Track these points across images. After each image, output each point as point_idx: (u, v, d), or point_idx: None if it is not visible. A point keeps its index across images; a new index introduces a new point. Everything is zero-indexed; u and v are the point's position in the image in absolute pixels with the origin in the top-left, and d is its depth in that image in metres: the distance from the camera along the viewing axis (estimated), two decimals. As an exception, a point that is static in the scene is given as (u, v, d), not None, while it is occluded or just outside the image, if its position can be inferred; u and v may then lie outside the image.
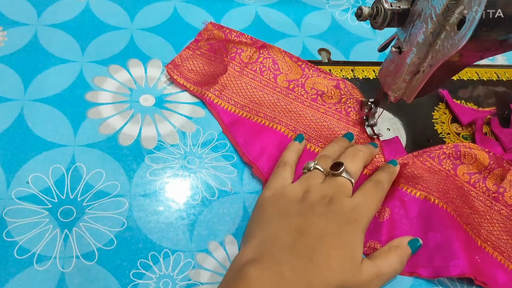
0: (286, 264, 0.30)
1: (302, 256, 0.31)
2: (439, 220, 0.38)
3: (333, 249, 0.32)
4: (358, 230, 0.34)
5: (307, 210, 0.34)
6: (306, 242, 0.32)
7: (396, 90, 0.38)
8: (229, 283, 0.30)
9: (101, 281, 0.33)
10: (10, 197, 0.36)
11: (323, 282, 0.30)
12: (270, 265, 0.30)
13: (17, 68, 0.45)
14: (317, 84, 0.47)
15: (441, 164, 0.42)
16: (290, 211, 0.34)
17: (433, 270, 0.36)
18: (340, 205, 0.34)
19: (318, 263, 0.31)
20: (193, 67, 0.48)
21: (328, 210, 0.34)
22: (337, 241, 0.32)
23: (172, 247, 0.36)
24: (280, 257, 0.31)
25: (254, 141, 0.42)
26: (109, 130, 0.42)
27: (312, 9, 0.59)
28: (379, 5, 0.34)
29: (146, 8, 0.54)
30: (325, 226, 0.33)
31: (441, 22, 0.32)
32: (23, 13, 0.50)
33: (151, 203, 0.38)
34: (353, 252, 0.32)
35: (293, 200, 0.35)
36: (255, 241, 0.33)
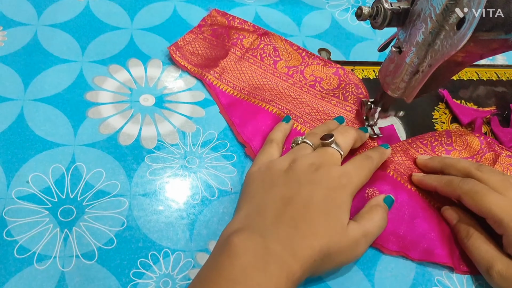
0: (270, 234, 0.31)
1: (286, 225, 0.31)
2: (424, 211, 0.39)
3: (318, 215, 0.32)
4: (345, 196, 0.34)
5: (292, 180, 0.34)
6: (291, 211, 0.32)
7: (395, 90, 0.38)
8: (215, 253, 0.31)
9: (101, 281, 0.33)
10: (10, 197, 0.36)
11: (308, 248, 0.31)
12: (255, 236, 0.30)
13: (17, 68, 0.45)
14: (316, 72, 0.49)
15: (434, 150, 0.43)
16: (275, 182, 0.35)
17: (420, 254, 0.37)
18: (327, 172, 0.35)
19: (302, 230, 0.31)
20: (195, 50, 0.50)
21: (314, 177, 0.34)
22: (323, 207, 0.32)
23: (172, 247, 0.36)
24: (265, 228, 0.31)
25: (249, 122, 0.44)
26: (109, 130, 0.42)
27: (312, 9, 0.59)
28: (379, 5, 0.34)
29: (146, 8, 0.54)
30: (310, 193, 0.33)
31: (441, 22, 0.32)
32: (23, 13, 0.50)
33: (151, 202, 0.38)
34: (339, 216, 0.33)
35: (279, 171, 0.35)
36: (241, 213, 0.34)
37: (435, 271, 0.37)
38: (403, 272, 0.37)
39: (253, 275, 0.28)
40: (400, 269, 0.37)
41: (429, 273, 0.37)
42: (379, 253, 0.38)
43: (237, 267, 0.29)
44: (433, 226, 0.38)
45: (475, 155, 0.42)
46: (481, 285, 0.37)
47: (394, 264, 0.37)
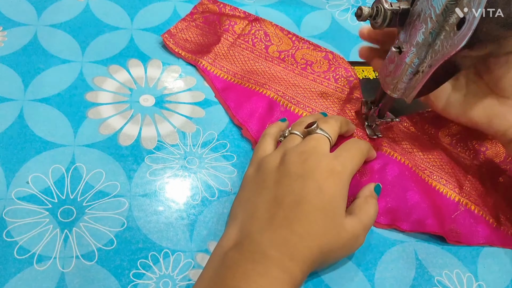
0: (267, 242, 0.30)
1: (281, 228, 0.31)
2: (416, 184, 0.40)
3: (313, 213, 0.31)
4: (340, 184, 0.33)
5: (283, 176, 0.33)
6: (283, 212, 0.31)
7: (395, 90, 0.38)
8: (217, 270, 0.30)
9: (101, 281, 0.33)
10: (10, 197, 0.36)
11: (306, 250, 0.30)
12: (252, 247, 0.30)
13: (17, 68, 0.45)
14: (306, 55, 0.50)
15: (424, 128, 0.45)
16: (267, 183, 0.34)
17: (411, 225, 0.39)
18: (318, 162, 0.33)
19: (297, 231, 0.30)
20: (188, 37, 0.51)
21: (304, 169, 0.33)
22: (317, 202, 0.32)
23: (172, 247, 0.36)
24: (260, 235, 0.31)
25: (244, 104, 0.45)
26: (109, 130, 0.42)
27: (312, 9, 0.59)
28: (379, 5, 0.34)
29: (146, 8, 0.54)
30: (302, 187, 0.32)
31: (441, 23, 0.32)
32: (23, 13, 0.50)
33: (151, 203, 0.38)
34: (335, 210, 0.32)
35: (271, 169, 0.35)
36: (236, 223, 0.33)
37: (435, 271, 0.37)
38: (403, 272, 0.37)
39: (256, 279, 0.28)
40: (400, 269, 0.37)
41: (429, 273, 0.37)
42: (379, 254, 0.38)
43: (239, 275, 0.28)
44: (425, 197, 0.39)
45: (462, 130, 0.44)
46: (481, 285, 0.37)
47: (394, 265, 0.37)
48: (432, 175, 0.41)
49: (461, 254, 0.39)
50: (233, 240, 0.32)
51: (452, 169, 0.42)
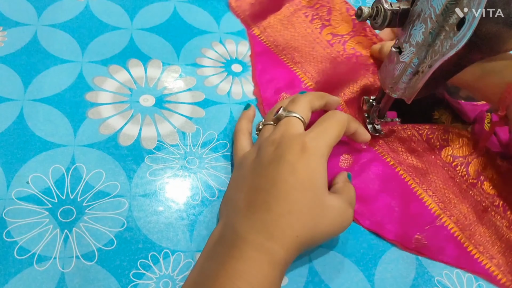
0: (245, 228, 0.30)
1: (259, 212, 0.31)
2: (397, 189, 0.40)
3: (290, 191, 0.31)
4: (315, 160, 0.32)
5: (257, 165, 0.33)
6: (260, 196, 0.31)
7: (395, 90, 0.38)
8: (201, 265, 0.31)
9: (101, 281, 0.33)
10: (10, 197, 0.36)
11: (286, 228, 0.30)
12: (232, 236, 0.30)
13: (17, 68, 0.45)
14: (358, 45, 0.48)
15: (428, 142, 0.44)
16: (244, 175, 0.34)
17: (371, 224, 0.38)
18: (289, 142, 0.33)
19: (275, 211, 0.30)
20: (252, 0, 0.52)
21: (276, 155, 0.32)
22: (293, 181, 0.31)
23: (172, 247, 0.36)
24: (240, 224, 0.31)
25: (268, 70, 0.46)
26: (109, 130, 0.42)
27: (312, 9, 0.59)
28: (379, 5, 0.34)
29: (146, 8, 0.54)
30: (276, 170, 0.32)
31: (441, 23, 0.32)
32: (23, 13, 0.50)
33: (151, 203, 0.38)
34: (314, 186, 0.31)
35: (249, 163, 0.35)
36: (221, 220, 0.34)
37: (435, 271, 0.37)
38: (403, 272, 0.37)
39: (232, 263, 0.28)
40: (400, 270, 0.37)
41: (429, 274, 0.37)
42: (379, 254, 0.38)
43: (218, 263, 0.29)
44: (401, 204, 0.39)
45: (468, 155, 0.42)
46: (481, 285, 0.37)
47: (394, 265, 0.37)
48: (421, 184, 0.41)
49: (461, 254, 0.39)
50: (217, 235, 0.32)
51: (443, 187, 0.41)
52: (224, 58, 0.51)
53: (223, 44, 0.52)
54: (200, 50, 0.51)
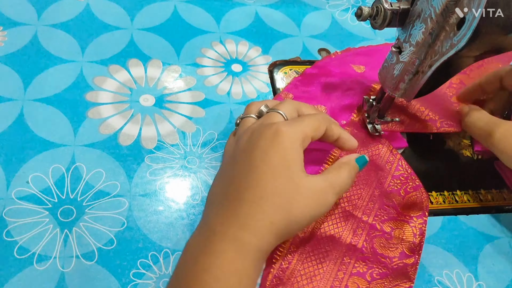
0: (218, 220, 0.30)
1: (232, 202, 0.30)
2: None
3: (261, 177, 0.30)
4: (287, 144, 0.31)
5: (235, 155, 0.33)
6: (234, 187, 0.30)
7: (395, 90, 0.38)
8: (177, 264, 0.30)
9: (101, 281, 0.33)
10: (10, 197, 0.36)
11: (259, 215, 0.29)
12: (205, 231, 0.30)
13: (17, 68, 0.45)
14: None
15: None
16: (224, 168, 0.34)
17: None
18: (261, 130, 0.32)
19: (247, 200, 0.29)
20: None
21: (250, 140, 0.32)
22: (264, 167, 0.30)
23: (172, 247, 0.36)
24: (212, 218, 0.30)
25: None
26: (109, 130, 0.42)
27: (312, 9, 0.59)
28: (379, 5, 0.34)
29: (146, 8, 0.54)
30: (248, 161, 0.31)
31: (441, 23, 0.32)
32: (23, 13, 0.50)
33: (151, 203, 0.38)
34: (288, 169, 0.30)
35: (227, 155, 0.34)
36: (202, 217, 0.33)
37: (435, 271, 0.37)
38: (403, 272, 0.37)
39: (202, 259, 0.28)
40: (400, 270, 0.37)
41: (429, 274, 0.37)
42: (379, 254, 0.38)
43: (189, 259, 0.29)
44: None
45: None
46: (481, 285, 0.37)
47: (394, 265, 0.37)
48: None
49: (461, 254, 0.39)
50: (194, 233, 0.31)
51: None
52: (224, 58, 0.51)
53: (223, 44, 0.52)
54: (200, 50, 0.51)
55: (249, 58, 0.51)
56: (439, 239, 0.40)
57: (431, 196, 0.42)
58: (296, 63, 0.52)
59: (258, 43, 0.53)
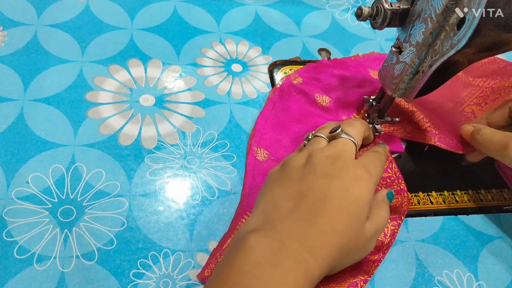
0: (286, 230, 0.30)
1: (303, 220, 0.30)
2: None
3: (337, 210, 0.31)
4: (367, 189, 0.32)
5: (309, 173, 0.33)
6: (307, 205, 0.31)
7: (395, 90, 0.38)
8: (231, 252, 0.29)
9: (101, 281, 0.33)
10: (10, 197, 0.36)
11: (327, 245, 0.29)
12: (271, 233, 0.29)
13: (17, 68, 0.45)
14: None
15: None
16: (291, 177, 0.33)
17: None
18: (345, 164, 0.33)
19: (319, 225, 0.30)
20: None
21: (332, 170, 0.32)
22: (342, 201, 0.31)
23: (172, 247, 0.36)
24: (280, 223, 0.30)
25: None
26: (109, 130, 0.42)
27: (312, 9, 0.59)
28: (379, 5, 0.34)
29: (146, 8, 0.54)
30: (328, 185, 0.31)
31: (441, 23, 0.32)
32: (23, 13, 0.50)
33: (151, 203, 0.38)
34: (358, 212, 0.31)
35: (296, 166, 0.34)
36: (258, 211, 0.32)
37: (435, 271, 0.37)
38: (403, 272, 0.37)
39: (268, 269, 0.27)
40: (400, 269, 0.37)
41: (429, 274, 0.37)
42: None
43: (251, 261, 0.28)
44: None
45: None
46: (481, 285, 0.37)
47: (394, 265, 0.37)
48: None
49: (461, 254, 0.39)
50: (253, 225, 0.31)
51: None
52: (224, 58, 0.51)
53: (223, 44, 0.52)
54: (200, 50, 0.51)
55: (249, 58, 0.51)
56: (439, 239, 0.40)
57: (431, 196, 0.42)
58: (296, 63, 0.52)
59: (258, 43, 0.53)
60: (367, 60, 0.53)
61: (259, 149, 0.42)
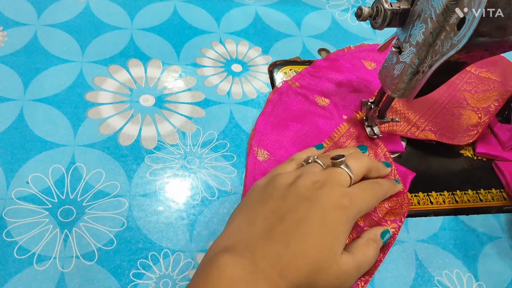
0: (259, 251, 0.30)
1: (277, 242, 0.30)
2: None
3: (311, 236, 0.30)
4: (345, 219, 0.32)
5: (291, 194, 0.32)
6: (283, 227, 0.31)
7: (395, 90, 0.38)
8: (204, 269, 0.29)
9: (101, 281, 0.33)
10: (10, 197, 0.36)
11: (295, 270, 0.29)
12: (244, 252, 0.29)
13: (17, 68, 0.45)
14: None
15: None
16: (273, 195, 0.33)
17: None
18: (329, 191, 0.32)
19: (292, 249, 0.30)
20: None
21: (315, 194, 0.32)
22: (317, 228, 0.31)
23: (172, 247, 0.36)
24: (255, 243, 0.30)
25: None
26: (109, 130, 0.42)
27: (312, 9, 0.59)
28: (379, 5, 0.34)
29: (146, 8, 0.54)
30: (307, 210, 0.31)
31: (441, 23, 0.32)
32: (23, 13, 0.50)
33: (151, 203, 0.38)
34: (334, 241, 0.31)
35: (282, 185, 0.34)
36: (232, 226, 0.32)
37: (435, 271, 0.37)
38: (403, 272, 0.37)
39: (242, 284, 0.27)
40: (400, 270, 0.37)
41: (429, 274, 0.37)
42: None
43: (226, 279, 0.28)
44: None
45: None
46: (481, 285, 0.37)
47: (394, 265, 0.37)
48: None
49: (461, 254, 0.39)
50: (226, 243, 0.31)
51: None
52: (224, 58, 0.51)
53: (223, 44, 0.52)
54: (200, 50, 0.51)
55: (249, 58, 0.51)
56: (439, 239, 0.39)
57: (431, 196, 0.42)
58: (296, 63, 0.52)
59: (258, 43, 0.53)
60: (360, 51, 0.54)
61: (260, 149, 0.42)
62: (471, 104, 0.49)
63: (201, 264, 0.30)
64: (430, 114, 0.47)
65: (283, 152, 0.43)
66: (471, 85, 0.51)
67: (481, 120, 0.47)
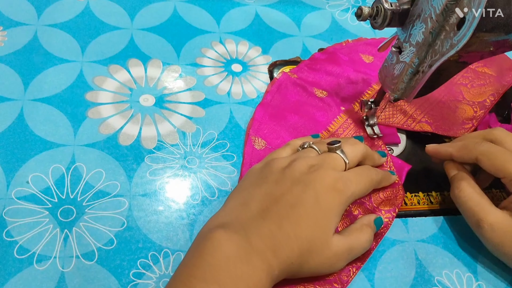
0: (254, 229, 0.30)
1: (270, 222, 0.31)
2: None
3: (304, 218, 0.31)
4: (338, 202, 0.32)
5: (286, 178, 0.33)
6: (277, 208, 0.31)
7: (395, 90, 0.38)
8: (199, 243, 0.30)
9: (101, 281, 0.33)
10: (10, 197, 0.36)
11: (288, 250, 0.30)
12: (238, 230, 0.30)
13: (17, 68, 0.45)
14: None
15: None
16: (269, 178, 0.34)
17: None
18: (324, 174, 0.33)
19: (285, 230, 0.31)
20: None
21: (309, 178, 0.33)
22: (311, 210, 0.31)
23: (172, 247, 0.36)
24: (249, 222, 0.31)
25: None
26: (109, 130, 0.42)
27: (312, 9, 0.59)
28: (379, 5, 0.34)
29: (146, 8, 0.54)
30: (301, 193, 0.32)
31: (441, 23, 0.32)
32: (23, 13, 0.50)
33: (151, 203, 0.38)
34: (326, 223, 0.32)
35: (277, 168, 0.34)
36: (228, 207, 0.33)
37: (435, 271, 0.37)
38: (403, 272, 0.37)
39: (237, 264, 0.28)
40: (400, 269, 0.37)
41: (429, 274, 0.37)
42: (379, 254, 0.38)
43: (221, 255, 0.28)
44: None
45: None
46: (481, 285, 0.37)
47: (394, 265, 0.37)
48: None
49: (461, 254, 0.39)
50: (221, 220, 0.32)
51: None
52: (224, 58, 0.51)
53: (223, 44, 0.52)
54: (200, 50, 0.51)
55: (249, 58, 0.51)
56: (439, 239, 0.39)
57: (431, 196, 0.42)
58: (296, 63, 0.52)
59: (258, 43, 0.53)
60: (358, 45, 0.54)
61: (257, 138, 0.43)
62: (467, 98, 0.49)
63: (196, 239, 0.31)
64: (426, 107, 0.48)
65: (280, 141, 0.43)
66: (467, 79, 0.51)
67: (476, 114, 0.48)
